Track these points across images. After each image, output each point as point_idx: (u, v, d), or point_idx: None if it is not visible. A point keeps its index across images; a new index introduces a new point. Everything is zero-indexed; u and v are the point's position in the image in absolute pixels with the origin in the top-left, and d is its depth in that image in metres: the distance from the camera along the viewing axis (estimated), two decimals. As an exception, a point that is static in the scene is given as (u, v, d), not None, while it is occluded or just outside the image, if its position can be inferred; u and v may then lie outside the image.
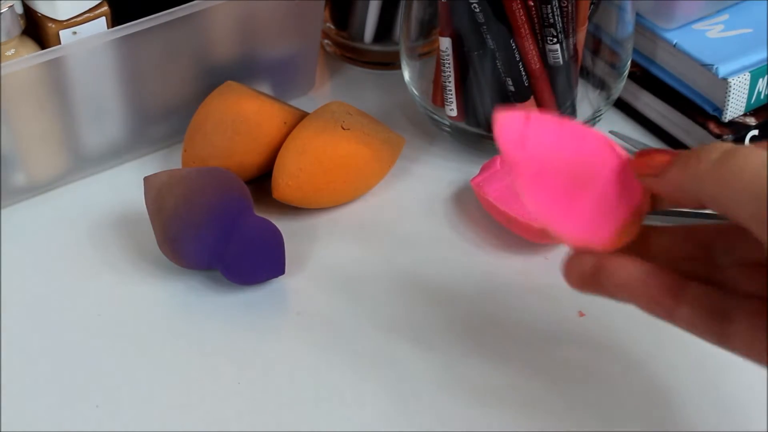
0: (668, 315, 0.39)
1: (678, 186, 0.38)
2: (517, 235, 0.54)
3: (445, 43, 0.55)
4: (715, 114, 0.58)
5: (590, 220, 0.40)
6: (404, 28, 0.59)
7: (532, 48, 0.54)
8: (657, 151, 0.40)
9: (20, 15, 0.53)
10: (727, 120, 0.58)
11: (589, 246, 0.40)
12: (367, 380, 0.48)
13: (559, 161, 0.40)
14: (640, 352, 0.49)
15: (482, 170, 0.56)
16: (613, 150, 0.40)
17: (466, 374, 0.48)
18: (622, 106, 0.63)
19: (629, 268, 0.39)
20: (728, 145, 0.37)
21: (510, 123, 0.40)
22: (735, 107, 0.58)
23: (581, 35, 0.56)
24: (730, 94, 0.57)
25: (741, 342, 0.38)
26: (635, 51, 0.61)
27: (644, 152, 0.40)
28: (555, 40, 0.54)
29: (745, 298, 0.39)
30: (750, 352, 0.38)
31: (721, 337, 0.39)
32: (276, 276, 0.51)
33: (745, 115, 0.59)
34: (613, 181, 0.40)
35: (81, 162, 0.57)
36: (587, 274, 0.40)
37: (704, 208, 0.38)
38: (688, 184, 0.38)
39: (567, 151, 0.40)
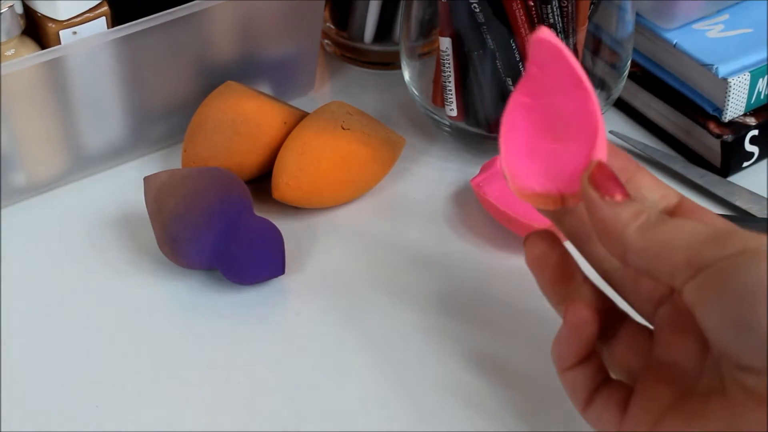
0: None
1: (617, 229, 0.38)
2: (517, 235, 0.54)
3: (445, 43, 0.55)
4: (715, 114, 0.58)
5: (533, 166, 0.41)
6: (404, 28, 0.59)
7: (532, 48, 0.54)
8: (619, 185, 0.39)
9: (20, 15, 0.53)
10: (727, 120, 0.58)
11: (512, 181, 0.41)
12: (368, 380, 0.48)
13: (555, 105, 0.40)
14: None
15: (482, 170, 0.56)
16: (595, 137, 0.39)
17: (466, 374, 0.48)
18: (622, 106, 0.63)
19: (541, 244, 0.42)
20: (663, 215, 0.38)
21: (548, 43, 0.40)
22: (735, 107, 0.58)
23: (581, 35, 0.56)
24: (730, 94, 0.57)
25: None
26: (635, 51, 0.61)
27: (609, 177, 0.39)
28: (555, 40, 0.54)
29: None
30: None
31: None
32: (276, 276, 0.51)
33: (745, 115, 0.59)
34: (573, 159, 0.40)
35: (81, 162, 0.57)
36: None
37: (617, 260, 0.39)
38: (628, 231, 0.37)
39: (567, 105, 0.40)
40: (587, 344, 0.40)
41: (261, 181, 0.56)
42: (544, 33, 0.40)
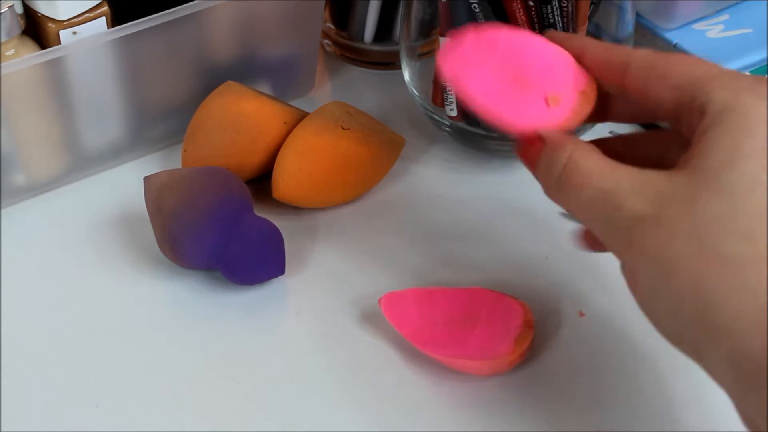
0: None
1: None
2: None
3: (445, 43, 0.55)
4: (715, 114, 0.58)
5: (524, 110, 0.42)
6: (404, 28, 0.59)
7: (532, 48, 0.54)
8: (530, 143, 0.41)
9: (20, 15, 0.53)
10: (727, 120, 0.58)
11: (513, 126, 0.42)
12: (368, 380, 0.48)
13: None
14: (640, 352, 0.49)
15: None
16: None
17: (466, 375, 0.48)
18: (622, 106, 0.63)
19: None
20: (568, 152, 0.39)
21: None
22: (735, 107, 0.58)
23: (581, 35, 0.56)
24: (730, 94, 0.57)
25: None
26: (635, 51, 0.61)
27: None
28: (555, 40, 0.54)
29: None
30: None
31: None
32: (276, 276, 0.51)
33: (745, 115, 0.59)
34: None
35: (81, 162, 0.57)
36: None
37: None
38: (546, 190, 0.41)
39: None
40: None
41: (261, 181, 0.56)
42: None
